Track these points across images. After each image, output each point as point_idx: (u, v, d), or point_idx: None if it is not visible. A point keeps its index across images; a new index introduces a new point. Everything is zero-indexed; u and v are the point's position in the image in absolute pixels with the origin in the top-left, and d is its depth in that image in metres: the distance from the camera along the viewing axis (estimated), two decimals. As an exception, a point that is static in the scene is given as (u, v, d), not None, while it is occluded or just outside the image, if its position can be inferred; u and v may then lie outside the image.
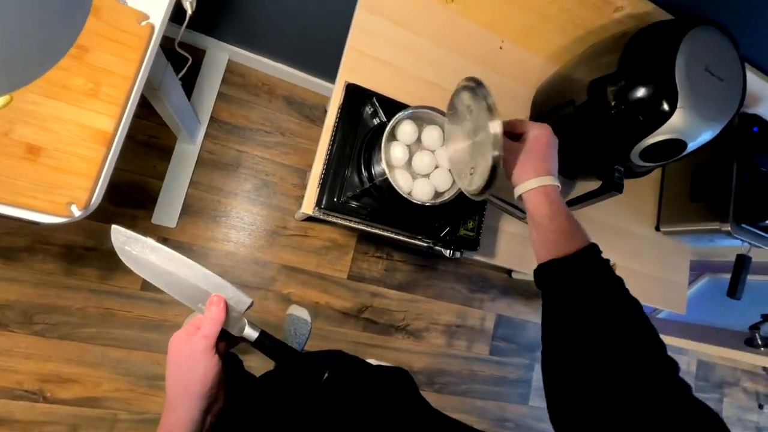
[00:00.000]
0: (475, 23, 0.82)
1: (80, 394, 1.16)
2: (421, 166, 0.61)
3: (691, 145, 0.65)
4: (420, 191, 0.60)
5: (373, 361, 0.69)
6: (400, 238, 0.73)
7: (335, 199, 0.64)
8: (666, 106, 0.61)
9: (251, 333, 0.42)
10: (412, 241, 0.73)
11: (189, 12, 0.59)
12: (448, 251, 0.72)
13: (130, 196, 1.23)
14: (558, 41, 0.85)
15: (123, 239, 0.39)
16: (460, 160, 0.57)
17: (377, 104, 0.65)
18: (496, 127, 0.45)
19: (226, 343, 0.42)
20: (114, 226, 0.39)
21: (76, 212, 0.44)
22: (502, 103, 0.84)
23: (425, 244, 0.73)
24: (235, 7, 1.06)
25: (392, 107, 0.66)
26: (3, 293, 1.12)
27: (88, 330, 1.17)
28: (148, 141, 1.25)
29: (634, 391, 0.31)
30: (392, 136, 0.61)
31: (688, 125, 0.61)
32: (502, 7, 0.82)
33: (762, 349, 1.02)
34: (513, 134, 0.52)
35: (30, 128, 0.43)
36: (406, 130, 0.60)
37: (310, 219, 1.41)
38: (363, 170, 0.63)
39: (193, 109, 1.26)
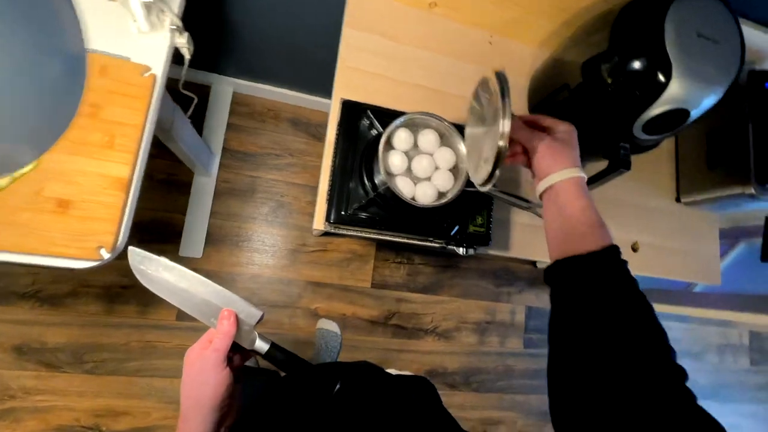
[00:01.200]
0: (460, 23, 0.83)
1: (133, 425, 1.22)
2: (421, 169, 0.62)
3: (695, 113, 0.63)
4: (423, 194, 0.62)
5: (393, 371, 0.69)
6: (413, 242, 0.74)
7: (343, 213, 0.66)
8: (661, 77, 0.60)
9: (262, 345, 0.43)
10: (425, 243, 0.74)
11: (187, 57, 0.63)
12: (461, 249, 0.72)
13: (156, 232, 1.30)
14: (545, 28, 0.85)
15: (139, 259, 0.41)
16: (475, 149, 0.57)
17: (372, 116, 0.67)
18: (506, 124, 0.45)
19: (241, 356, 0.44)
20: (130, 248, 0.42)
21: (105, 255, 0.48)
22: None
23: (437, 245, 0.74)
24: (230, 42, 1.11)
25: (387, 117, 0.68)
26: (54, 337, 1.20)
27: (132, 364, 1.24)
28: (167, 179, 1.32)
29: (637, 397, 0.30)
30: (389, 145, 0.63)
31: (686, 93, 0.60)
32: (485, 4, 0.83)
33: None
34: (537, 127, 0.51)
35: (58, 184, 0.48)
36: (402, 137, 0.61)
37: (327, 234, 1.44)
38: (366, 181, 0.65)
39: (205, 143, 1.33)
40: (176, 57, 0.66)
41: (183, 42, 0.57)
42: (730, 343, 1.91)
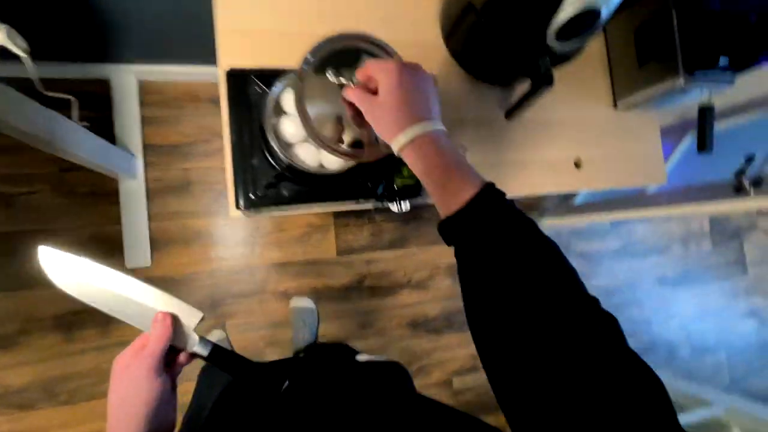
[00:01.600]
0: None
1: (127, 442, 1.21)
2: (322, 132, 0.56)
3: (605, 11, 0.58)
4: (330, 160, 0.56)
5: (363, 357, 0.68)
6: (343, 208, 0.70)
7: (252, 196, 0.60)
8: (561, -24, 0.53)
9: (202, 349, 0.40)
10: (355, 207, 0.70)
11: (23, 55, 0.53)
12: (394, 206, 0.68)
13: (97, 249, 1.21)
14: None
15: (52, 261, 0.37)
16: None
17: (258, 82, 0.59)
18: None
19: (187, 356, 0.40)
20: (41, 247, 0.37)
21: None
22: (413, 35, 0.76)
23: (369, 207, 0.70)
24: (111, 22, 0.97)
25: (277, 79, 0.60)
26: (17, 379, 1.15)
27: (106, 385, 1.20)
28: (91, 191, 1.22)
29: (563, 342, 0.28)
30: (282, 112, 0.56)
31: (590, -11, 0.54)
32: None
33: (752, 193, 0.97)
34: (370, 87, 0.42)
35: None
36: (291, 99, 0.54)
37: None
38: (269, 157, 0.59)
39: (120, 143, 1.21)
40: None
41: (1, 37, 0.47)
42: (692, 231, 1.99)
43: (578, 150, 0.89)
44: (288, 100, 0.54)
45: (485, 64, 0.78)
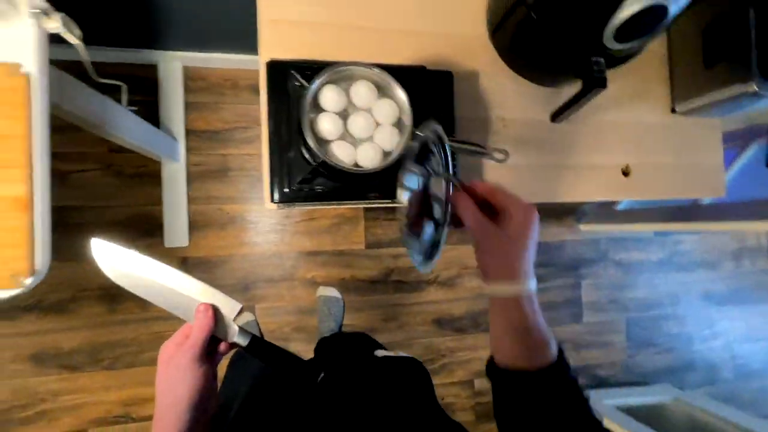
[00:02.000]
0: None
1: (160, 409, 1.29)
2: (359, 129, 0.55)
3: (674, 7, 0.53)
4: (365, 157, 0.55)
5: (381, 353, 0.68)
6: (377, 205, 0.69)
7: (287, 189, 0.60)
8: (628, -31, 0.49)
9: (242, 340, 0.41)
10: (389, 205, 0.69)
11: (76, 41, 0.55)
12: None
13: (138, 228, 1.28)
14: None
15: (103, 253, 0.38)
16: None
17: (297, 75, 0.59)
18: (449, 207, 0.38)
19: (227, 345, 0.41)
20: (93, 240, 0.38)
21: (26, 282, 0.45)
22: (455, 26, 0.73)
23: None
24: (163, 11, 1.00)
25: (316, 72, 0.59)
26: (68, 342, 1.24)
27: (147, 354, 1.29)
28: (137, 172, 1.28)
29: None
30: (318, 108, 0.55)
31: (660, -16, 0.49)
32: None
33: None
34: (491, 204, 0.41)
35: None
36: (329, 96, 0.54)
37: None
38: (304, 151, 0.59)
39: (165, 128, 1.26)
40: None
41: (57, 26, 0.49)
42: (746, 247, 1.84)
43: (627, 157, 0.83)
44: (326, 97, 0.54)
45: (533, 63, 0.74)
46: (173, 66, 1.27)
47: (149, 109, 1.24)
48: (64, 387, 1.24)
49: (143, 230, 1.28)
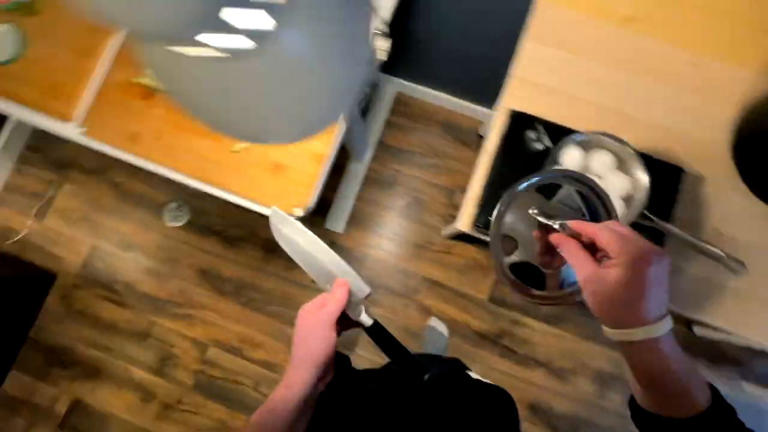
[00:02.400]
0: (657, 40, 0.75)
1: (264, 358, 1.46)
2: (588, 192, 0.59)
3: None
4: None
5: (474, 375, 0.69)
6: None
7: (491, 218, 0.67)
8: None
9: (366, 319, 0.46)
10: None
11: (383, 59, 0.73)
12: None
13: (312, 204, 1.52)
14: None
15: (279, 219, 0.48)
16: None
17: (542, 129, 0.66)
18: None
19: (342, 325, 0.46)
20: (273, 208, 0.48)
21: (299, 212, 0.60)
22: (695, 128, 0.73)
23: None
24: (406, 45, 1.22)
25: (558, 132, 0.66)
26: (226, 271, 1.52)
27: (273, 308, 1.48)
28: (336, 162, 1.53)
29: None
30: (555, 163, 0.61)
31: None
32: (698, 21, 0.73)
33: None
34: (593, 246, 0.39)
35: (278, 152, 0.62)
36: (573, 155, 0.60)
37: (455, 238, 1.47)
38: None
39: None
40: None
41: (385, 46, 0.67)
42: None
43: None
44: (569, 155, 0.60)
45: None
46: (389, 89, 1.51)
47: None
48: (209, 304, 1.50)
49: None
